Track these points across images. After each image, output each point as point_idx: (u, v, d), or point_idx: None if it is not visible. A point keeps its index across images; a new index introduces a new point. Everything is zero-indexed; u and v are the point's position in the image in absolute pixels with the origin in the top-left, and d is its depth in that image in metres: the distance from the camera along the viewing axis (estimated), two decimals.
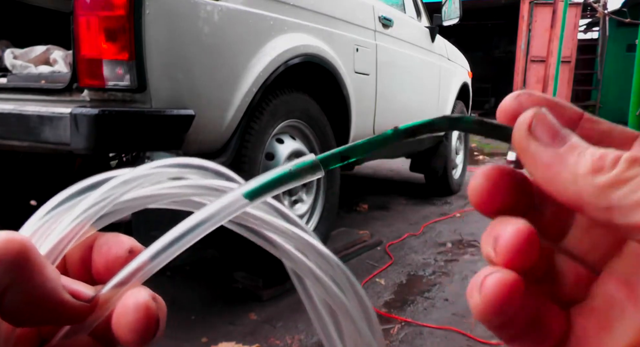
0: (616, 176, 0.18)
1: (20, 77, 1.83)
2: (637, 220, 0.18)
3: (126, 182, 0.24)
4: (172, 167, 0.25)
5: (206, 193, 0.25)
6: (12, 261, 0.19)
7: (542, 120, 0.21)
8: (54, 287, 0.20)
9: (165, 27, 1.48)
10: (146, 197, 0.25)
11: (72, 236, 0.23)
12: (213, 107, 1.68)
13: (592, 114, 0.23)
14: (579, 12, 9.84)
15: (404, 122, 0.22)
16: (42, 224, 0.23)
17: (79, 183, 0.24)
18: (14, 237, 0.19)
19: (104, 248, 0.24)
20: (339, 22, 2.34)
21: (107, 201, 0.23)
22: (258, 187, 0.23)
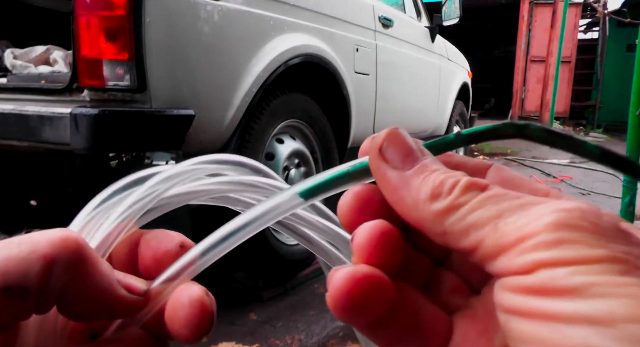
0: (450, 203, 0.19)
1: (20, 77, 1.83)
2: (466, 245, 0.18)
3: (169, 178, 0.24)
4: (211, 163, 0.25)
5: (244, 190, 0.25)
6: (70, 259, 0.19)
7: (394, 141, 0.21)
8: (110, 283, 0.20)
9: (165, 27, 1.48)
10: (187, 194, 0.25)
11: (119, 231, 0.23)
12: (213, 107, 1.68)
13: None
14: (579, 12, 9.84)
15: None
16: (90, 219, 0.23)
17: (124, 179, 0.24)
18: (70, 235, 0.19)
19: (153, 242, 0.24)
20: (339, 22, 2.34)
21: (151, 196, 0.24)
22: (314, 187, 0.23)
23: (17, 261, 0.18)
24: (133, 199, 0.23)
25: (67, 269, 0.19)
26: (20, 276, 0.18)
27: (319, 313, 1.85)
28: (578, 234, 0.16)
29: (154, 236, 0.24)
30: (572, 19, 9.59)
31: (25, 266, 0.18)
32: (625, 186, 2.21)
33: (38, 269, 0.18)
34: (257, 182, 0.25)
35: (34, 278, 0.18)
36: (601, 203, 3.89)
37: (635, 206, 2.23)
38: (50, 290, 0.19)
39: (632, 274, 0.15)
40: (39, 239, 0.19)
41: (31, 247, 0.18)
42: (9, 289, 0.18)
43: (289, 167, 2.08)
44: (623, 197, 2.23)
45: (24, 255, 0.18)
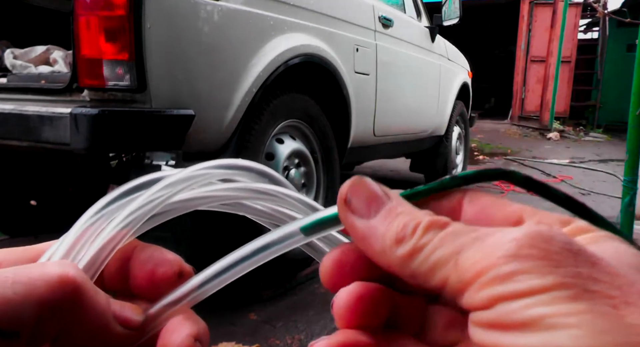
0: (413, 246, 0.19)
1: (20, 77, 1.82)
2: (435, 284, 0.19)
3: (176, 183, 0.24)
4: (219, 168, 0.25)
5: (255, 197, 0.25)
6: (67, 302, 0.19)
7: (357, 189, 0.22)
8: (106, 321, 0.20)
9: (165, 27, 1.48)
10: (197, 199, 0.25)
11: (116, 243, 0.23)
12: (213, 107, 1.68)
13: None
14: (579, 12, 9.84)
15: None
16: (91, 224, 0.23)
17: (129, 183, 0.24)
18: (68, 274, 0.19)
19: (149, 265, 0.24)
20: (339, 22, 2.34)
21: (155, 202, 0.23)
22: (314, 223, 0.23)
23: (12, 304, 0.17)
24: (136, 205, 0.23)
25: (63, 313, 0.19)
26: (13, 319, 0.17)
27: (319, 313, 1.85)
28: (529, 263, 0.17)
29: (149, 256, 0.24)
30: (572, 19, 9.59)
31: (19, 310, 0.17)
32: (625, 186, 2.21)
33: (32, 313, 0.18)
34: (268, 190, 0.25)
35: (27, 322, 0.18)
36: (601, 203, 3.89)
37: (635, 206, 2.23)
38: (44, 332, 0.19)
39: (580, 299, 0.16)
40: (35, 280, 0.18)
41: (27, 290, 0.18)
42: (1, 332, 0.17)
43: (289, 167, 2.08)
44: (623, 197, 2.23)
45: (19, 298, 0.18)
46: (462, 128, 4.38)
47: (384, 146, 3.06)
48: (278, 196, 0.25)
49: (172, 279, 0.23)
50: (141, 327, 0.22)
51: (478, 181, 0.23)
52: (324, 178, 2.31)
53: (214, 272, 0.22)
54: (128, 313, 0.21)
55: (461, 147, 4.36)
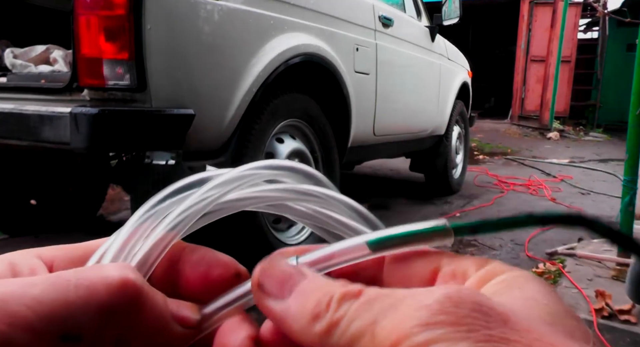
0: (329, 321, 0.19)
1: (20, 76, 1.82)
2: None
3: (226, 182, 0.24)
4: (265, 169, 0.25)
5: (300, 198, 0.25)
6: (129, 306, 0.19)
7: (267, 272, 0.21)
8: (165, 322, 0.21)
9: (165, 26, 1.48)
10: (245, 199, 0.25)
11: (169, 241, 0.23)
12: (213, 106, 1.68)
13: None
14: (579, 12, 9.83)
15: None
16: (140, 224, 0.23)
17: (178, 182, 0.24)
18: (129, 279, 0.19)
19: (202, 265, 0.24)
20: (339, 22, 2.34)
21: (207, 201, 0.23)
22: (384, 239, 0.22)
23: (75, 308, 0.18)
24: (188, 204, 0.23)
25: (124, 317, 0.19)
26: (77, 324, 0.18)
27: None
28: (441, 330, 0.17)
29: (201, 257, 0.24)
30: (572, 18, 9.59)
31: (83, 314, 0.18)
32: (625, 186, 2.21)
33: (95, 317, 0.18)
34: (313, 191, 0.25)
35: (90, 326, 0.18)
36: (601, 202, 3.89)
37: (635, 206, 2.23)
38: (106, 336, 0.19)
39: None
40: (96, 283, 0.19)
41: (89, 294, 0.18)
42: (65, 336, 0.18)
43: None
44: (623, 197, 2.23)
45: (82, 302, 0.18)
46: (462, 128, 4.38)
47: (384, 146, 3.06)
48: (322, 198, 0.25)
49: (229, 281, 0.23)
50: (198, 326, 0.22)
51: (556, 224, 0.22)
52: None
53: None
54: (186, 312, 0.22)
55: (461, 147, 4.36)
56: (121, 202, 3.48)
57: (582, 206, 3.73)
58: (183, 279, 0.24)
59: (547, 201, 3.95)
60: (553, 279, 2.12)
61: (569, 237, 2.83)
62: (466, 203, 3.79)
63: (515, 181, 4.69)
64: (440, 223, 0.22)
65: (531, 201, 3.95)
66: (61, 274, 0.19)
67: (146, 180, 1.51)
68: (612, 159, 6.58)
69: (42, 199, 2.70)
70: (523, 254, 2.61)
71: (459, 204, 3.81)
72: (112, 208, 3.35)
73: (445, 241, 0.22)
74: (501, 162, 6.18)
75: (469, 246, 2.78)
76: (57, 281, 0.18)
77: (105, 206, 3.18)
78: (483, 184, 4.59)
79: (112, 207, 3.36)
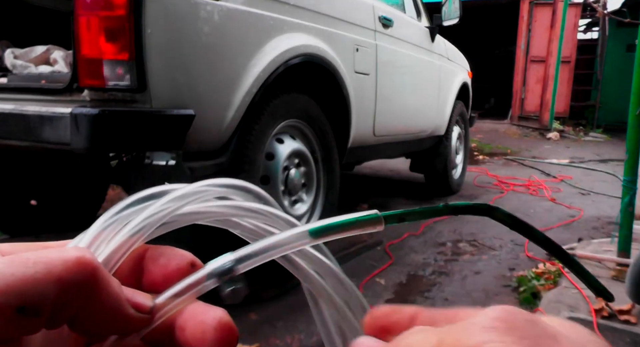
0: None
1: (21, 77, 1.83)
2: None
3: (183, 196, 0.25)
4: (219, 187, 0.27)
5: (246, 215, 0.27)
6: (84, 282, 0.20)
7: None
8: (120, 303, 0.21)
9: (165, 26, 1.48)
10: (197, 213, 0.26)
11: (131, 243, 0.24)
12: (213, 107, 1.68)
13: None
14: (578, 12, 9.84)
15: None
16: (104, 228, 0.24)
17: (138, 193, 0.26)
18: (85, 256, 0.20)
19: (162, 259, 0.25)
20: (339, 22, 2.34)
21: (164, 212, 0.25)
22: (323, 227, 0.25)
23: (33, 281, 0.18)
24: (148, 213, 0.24)
25: (80, 292, 0.20)
26: (35, 296, 0.18)
27: None
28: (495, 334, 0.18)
29: (162, 252, 0.25)
30: (572, 19, 9.59)
31: (40, 288, 0.18)
32: (625, 186, 2.21)
33: (52, 291, 0.19)
34: (259, 209, 0.27)
35: (48, 300, 0.19)
36: (601, 203, 3.89)
37: (635, 206, 2.23)
38: (63, 310, 0.19)
39: None
40: (54, 260, 0.19)
41: (47, 269, 0.19)
42: (22, 308, 0.18)
43: (289, 167, 2.08)
44: (623, 197, 2.23)
45: (40, 276, 0.19)
46: (462, 128, 4.39)
47: (384, 146, 3.06)
48: (266, 215, 0.27)
49: (185, 271, 0.24)
50: (152, 313, 0.23)
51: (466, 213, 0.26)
52: (324, 178, 2.31)
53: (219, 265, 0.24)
54: (139, 298, 0.22)
55: (461, 147, 4.36)
56: None
57: (582, 206, 3.73)
58: (146, 274, 0.25)
59: (547, 201, 3.95)
60: (553, 279, 2.12)
61: (569, 238, 2.83)
62: None
63: (515, 182, 4.69)
64: (372, 212, 0.26)
65: (531, 201, 3.95)
66: (21, 254, 0.19)
67: (146, 180, 1.51)
68: (612, 159, 6.58)
69: (42, 199, 2.71)
70: (523, 254, 2.62)
71: None
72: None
73: (377, 228, 0.25)
74: (501, 163, 6.18)
75: (469, 246, 2.78)
76: (16, 258, 0.19)
77: (105, 206, 3.18)
78: (483, 185, 4.59)
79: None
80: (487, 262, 2.52)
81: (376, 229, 0.25)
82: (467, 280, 2.28)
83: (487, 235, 2.94)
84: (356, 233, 0.26)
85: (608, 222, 3.27)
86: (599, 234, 2.98)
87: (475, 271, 2.40)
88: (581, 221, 3.31)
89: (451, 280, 2.29)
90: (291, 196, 2.13)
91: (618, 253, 2.23)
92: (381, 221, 0.25)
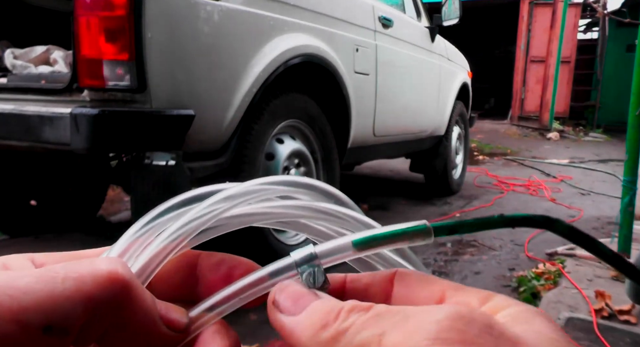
0: (337, 329, 0.19)
1: (21, 77, 1.83)
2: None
3: (231, 197, 0.23)
4: (280, 185, 0.25)
5: (315, 216, 0.25)
6: (116, 300, 0.19)
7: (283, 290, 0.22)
8: (153, 321, 0.20)
9: (165, 27, 1.48)
10: (252, 215, 0.24)
11: (169, 251, 0.23)
12: (213, 107, 1.68)
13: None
14: (578, 12, 9.84)
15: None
16: (140, 235, 0.23)
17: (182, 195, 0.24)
18: (117, 272, 0.19)
19: (223, 268, 0.24)
20: (339, 22, 2.34)
21: (209, 216, 0.23)
22: (368, 239, 0.23)
23: (61, 300, 0.17)
24: (187, 218, 0.23)
25: (111, 310, 0.19)
26: (62, 316, 0.17)
27: None
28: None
29: (221, 260, 0.24)
30: (572, 19, 9.59)
31: (69, 307, 0.18)
32: (625, 186, 2.21)
33: (81, 310, 0.18)
34: (330, 209, 0.25)
35: (76, 319, 0.18)
36: (601, 203, 3.89)
37: (635, 206, 2.23)
38: (92, 329, 0.19)
39: None
40: (84, 276, 0.18)
41: (76, 286, 0.18)
42: (49, 328, 0.17)
43: (289, 167, 2.09)
44: (623, 197, 2.23)
45: (68, 294, 0.18)
46: (462, 128, 4.38)
47: (384, 146, 3.06)
48: (340, 217, 0.25)
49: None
50: (186, 329, 0.22)
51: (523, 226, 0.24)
52: (324, 178, 2.31)
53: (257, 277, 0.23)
54: (173, 314, 0.21)
55: (461, 147, 4.36)
56: (121, 203, 3.48)
57: (582, 206, 3.73)
58: (204, 283, 0.24)
59: (547, 201, 3.95)
60: (553, 279, 2.12)
61: None
62: (466, 204, 3.80)
63: (515, 182, 4.69)
64: (421, 223, 0.23)
65: (531, 201, 3.95)
66: (50, 268, 0.18)
67: (146, 181, 1.51)
68: (611, 159, 6.58)
69: (42, 199, 2.71)
70: (523, 254, 2.62)
71: (458, 204, 3.81)
72: (112, 209, 3.35)
73: (426, 240, 0.23)
74: (501, 163, 6.18)
75: (468, 246, 2.78)
76: (45, 273, 0.18)
77: (105, 206, 3.18)
78: (483, 185, 4.59)
79: (112, 208, 3.36)
80: (487, 263, 2.52)
81: (425, 241, 0.23)
82: (467, 280, 2.28)
83: (487, 235, 2.94)
84: (403, 245, 0.24)
85: (608, 222, 3.27)
86: (599, 234, 2.99)
87: (475, 271, 2.40)
88: (581, 221, 3.31)
89: (451, 280, 2.29)
90: None
91: (618, 253, 2.23)
92: (430, 233, 0.23)
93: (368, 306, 0.20)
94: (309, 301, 0.21)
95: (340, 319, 0.19)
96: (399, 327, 0.18)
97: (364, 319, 0.19)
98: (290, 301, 0.22)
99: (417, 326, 0.18)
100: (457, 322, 0.17)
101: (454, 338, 0.17)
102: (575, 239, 0.24)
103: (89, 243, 0.25)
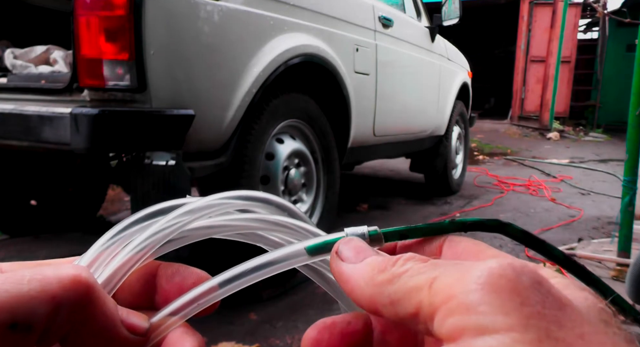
0: (392, 272, 0.20)
1: (21, 77, 1.83)
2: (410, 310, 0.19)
3: (193, 211, 0.25)
4: (238, 199, 0.26)
5: (272, 228, 0.26)
6: (79, 301, 0.20)
7: (346, 243, 0.24)
8: (114, 324, 0.21)
9: (165, 27, 1.48)
10: (212, 227, 0.26)
11: (134, 262, 0.24)
12: (213, 107, 1.68)
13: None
14: (578, 12, 9.84)
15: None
16: (107, 248, 0.24)
17: (147, 208, 0.25)
18: (81, 275, 0.20)
19: (177, 278, 0.25)
20: (339, 22, 2.34)
21: (173, 228, 0.24)
22: (320, 245, 0.25)
23: (26, 299, 0.18)
24: (152, 231, 0.24)
25: (74, 311, 0.20)
26: (27, 314, 0.18)
27: (319, 313, 1.85)
28: (496, 295, 0.17)
29: (175, 270, 0.25)
30: (572, 19, 9.59)
31: (33, 305, 0.18)
32: (625, 186, 2.21)
33: (45, 309, 0.19)
34: (285, 222, 0.26)
35: (40, 317, 0.19)
36: (601, 203, 3.89)
37: (635, 206, 2.23)
38: (55, 329, 0.19)
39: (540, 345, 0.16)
40: (49, 278, 0.19)
41: (41, 286, 0.19)
42: (14, 325, 0.18)
43: (289, 167, 2.09)
44: (623, 197, 2.23)
45: (34, 294, 0.19)
46: (462, 128, 4.39)
47: (384, 146, 3.06)
48: (293, 228, 0.26)
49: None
50: (147, 334, 0.22)
51: (475, 230, 0.25)
52: (324, 178, 2.31)
53: (217, 283, 0.23)
54: (134, 319, 0.22)
55: (461, 147, 4.36)
56: (121, 203, 3.48)
57: (582, 206, 3.73)
58: (160, 292, 0.25)
59: (547, 201, 3.95)
60: None
61: (569, 238, 2.83)
62: (466, 203, 3.79)
63: (515, 182, 4.69)
64: (372, 228, 0.25)
65: (531, 201, 3.95)
66: (17, 271, 0.19)
67: (146, 180, 1.51)
68: (612, 159, 6.58)
69: (42, 199, 2.71)
70: (523, 254, 2.62)
71: (458, 204, 3.81)
72: (112, 209, 3.35)
73: (375, 245, 0.25)
74: (501, 163, 6.18)
75: None
76: (11, 275, 0.19)
77: (105, 206, 3.18)
78: (483, 185, 4.59)
79: (112, 208, 3.36)
80: None
81: (375, 247, 0.25)
82: None
83: (487, 234, 2.93)
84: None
85: (608, 222, 3.27)
86: (599, 234, 2.98)
87: None
88: (581, 221, 3.31)
89: None
90: (291, 196, 2.13)
91: (618, 253, 2.23)
92: (381, 238, 0.25)
93: (425, 258, 0.21)
94: (370, 254, 0.23)
95: (398, 265, 0.21)
96: (451, 272, 0.19)
97: (420, 266, 0.20)
98: (353, 251, 0.23)
99: (469, 272, 0.18)
100: (508, 271, 0.18)
101: (503, 286, 0.17)
102: (528, 242, 0.24)
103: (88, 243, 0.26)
